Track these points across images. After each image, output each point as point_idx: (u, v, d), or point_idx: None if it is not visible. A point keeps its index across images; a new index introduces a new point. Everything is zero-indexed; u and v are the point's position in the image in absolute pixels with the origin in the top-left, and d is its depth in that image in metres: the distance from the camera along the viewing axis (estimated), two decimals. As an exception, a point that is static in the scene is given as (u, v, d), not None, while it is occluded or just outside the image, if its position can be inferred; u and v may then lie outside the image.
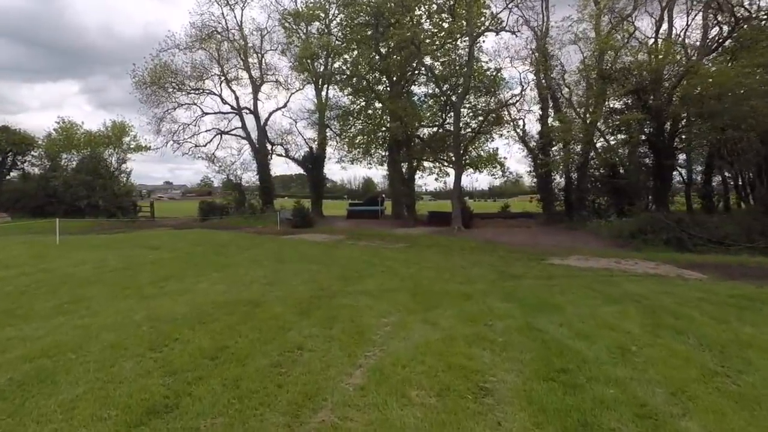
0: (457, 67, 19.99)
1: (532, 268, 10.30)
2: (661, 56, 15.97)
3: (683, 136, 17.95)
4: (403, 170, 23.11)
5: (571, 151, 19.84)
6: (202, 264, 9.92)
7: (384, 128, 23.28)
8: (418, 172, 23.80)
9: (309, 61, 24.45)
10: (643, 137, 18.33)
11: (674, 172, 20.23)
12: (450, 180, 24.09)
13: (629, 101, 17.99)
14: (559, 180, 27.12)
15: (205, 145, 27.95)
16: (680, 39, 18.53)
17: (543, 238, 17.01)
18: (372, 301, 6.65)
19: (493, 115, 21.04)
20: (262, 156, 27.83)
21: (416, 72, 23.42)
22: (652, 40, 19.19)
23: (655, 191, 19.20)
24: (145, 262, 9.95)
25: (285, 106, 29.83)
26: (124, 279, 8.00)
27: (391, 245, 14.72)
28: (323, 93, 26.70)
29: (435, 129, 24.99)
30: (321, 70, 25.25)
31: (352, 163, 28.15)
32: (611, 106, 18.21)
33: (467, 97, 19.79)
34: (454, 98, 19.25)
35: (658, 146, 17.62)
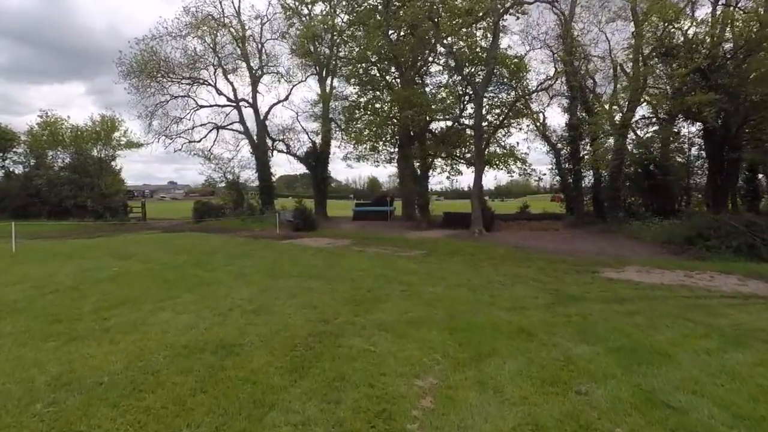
0: (478, 51, 17.97)
1: (588, 284, 8.31)
2: (737, 26, 13.63)
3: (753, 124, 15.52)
4: (415, 167, 21.16)
5: (606, 146, 17.70)
6: (175, 280, 8.03)
7: (395, 119, 21.29)
8: (430, 170, 21.82)
9: (311, 45, 22.57)
10: (701, 126, 16.08)
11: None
12: (463, 179, 22.14)
13: (693, 81, 15.24)
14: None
15: (200, 141, 26.20)
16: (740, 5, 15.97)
17: (580, 244, 14.97)
18: (395, 344, 4.73)
19: (519, 105, 19.02)
20: (261, 153, 25.99)
21: (430, 59, 21.44)
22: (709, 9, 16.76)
23: (713, 189, 17.02)
24: (102, 278, 8.07)
25: (286, 99, 28.02)
26: (62, 306, 6.10)
27: (406, 253, 12.77)
28: (327, 82, 24.83)
29: (449, 123, 23.04)
30: (325, 53, 23.35)
31: (359, 161, 26.24)
32: (667, 88, 16.00)
33: (488, 86, 17.75)
34: (473, 87, 17.21)
35: (721, 136, 15.36)
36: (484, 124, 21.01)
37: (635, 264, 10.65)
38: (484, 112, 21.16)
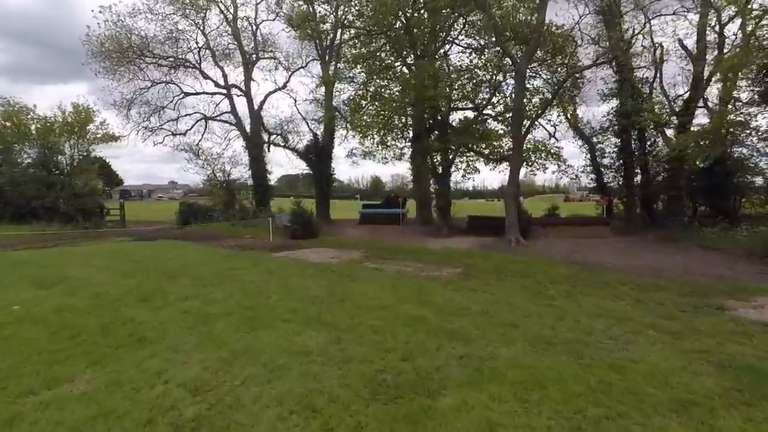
0: (517, 21, 14.93)
1: (738, 335, 5.36)
2: None
3: None
4: (435, 163, 18.19)
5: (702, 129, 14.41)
6: (89, 334, 5.13)
7: (409, 107, 18.30)
8: (452, 166, 18.75)
9: (311, 23, 19.65)
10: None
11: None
12: (481, 178, 19.12)
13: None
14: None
15: (185, 134, 23.32)
16: None
17: (651, 258, 11.99)
18: None
19: (568, 84, 16.01)
20: (255, 147, 23.10)
21: (452, 35, 18.42)
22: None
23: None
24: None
25: (284, 86, 25.16)
26: None
27: (438, 272, 9.84)
28: (331, 67, 21.87)
29: (470, 115, 20.07)
30: (328, 33, 20.44)
31: (365, 158, 23.26)
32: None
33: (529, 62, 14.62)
34: (513, 61, 14.13)
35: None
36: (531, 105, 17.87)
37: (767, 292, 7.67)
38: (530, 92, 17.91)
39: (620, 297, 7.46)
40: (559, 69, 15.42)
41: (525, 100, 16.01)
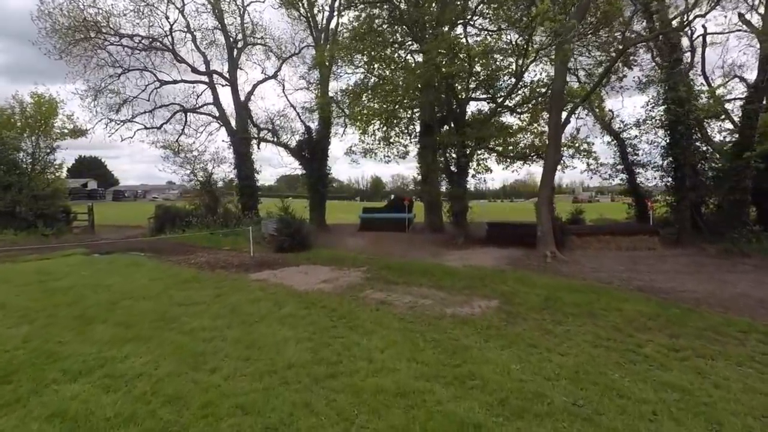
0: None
1: None
2: None
3: None
4: (448, 160, 15.51)
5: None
6: None
7: (417, 93, 15.65)
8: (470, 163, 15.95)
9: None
10: None
11: None
12: (488, 178, 16.37)
13: None
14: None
15: (160, 127, 20.65)
16: None
17: (739, 282, 9.38)
18: None
19: (623, 59, 13.30)
20: (242, 143, 20.46)
21: (467, 12, 15.77)
22: None
23: None
24: None
25: (275, 76, 22.53)
26: None
27: (466, 307, 7.25)
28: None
29: (488, 105, 17.45)
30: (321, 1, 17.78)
31: (365, 155, 20.65)
32: None
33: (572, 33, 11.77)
34: (556, 29, 11.34)
35: None
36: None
37: None
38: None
39: (749, 359, 4.87)
40: (606, 45, 12.74)
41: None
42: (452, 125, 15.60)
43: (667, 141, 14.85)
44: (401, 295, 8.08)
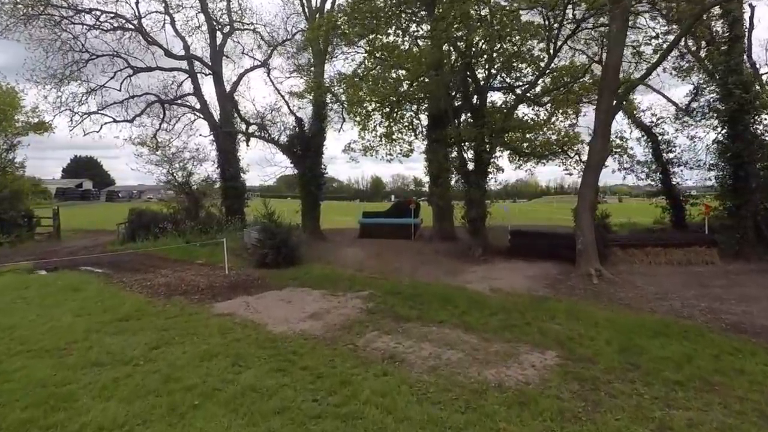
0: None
1: None
2: None
3: None
4: (465, 158, 13.17)
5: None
6: None
7: (423, 85, 13.37)
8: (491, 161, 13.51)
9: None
10: None
11: None
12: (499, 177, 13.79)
13: None
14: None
15: (132, 120, 18.31)
16: None
17: None
18: None
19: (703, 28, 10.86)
20: (226, 139, 18.15)
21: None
22: None
23: None
24: None
25: (265, 64, 20.18)
26: None
27: (515, 366, 5.05)
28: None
29: (507, 94, 15.16)
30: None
31: (366, 153, 18.24)
32: None
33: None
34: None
35: None
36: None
37: None
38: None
39: None
40: (670, 10, 10.37)
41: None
42: (469, 116, 13.32)
43: (725, 134, 12.54)
44: (417, 343, 5.80)
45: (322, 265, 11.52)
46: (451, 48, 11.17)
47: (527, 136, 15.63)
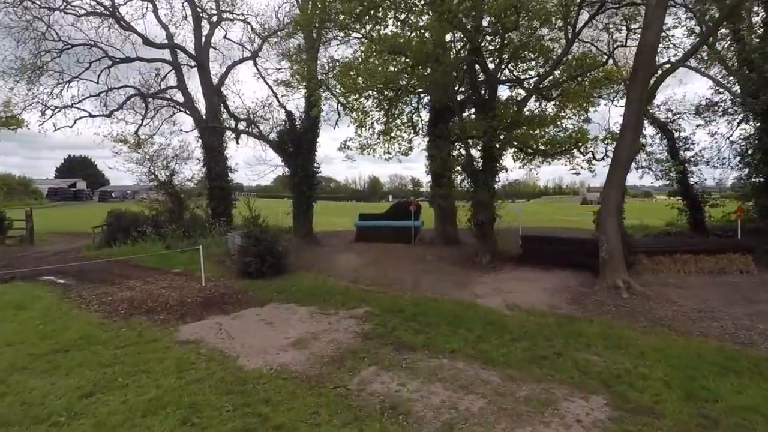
0: None
1: None
2: None
3: None
4: (471, 156, 11.95)
5: None
6: None
7: (424, 77, 12.15)
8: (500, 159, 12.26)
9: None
10: None
11: None
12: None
13: None
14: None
15: (110, 115, 17.00)
16: None
17: None
18: None
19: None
20: (212, 135, 16.88)
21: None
22: None
23: None
24: None
25: (255, 56, 18.94)
26: None
27: (554, 422, 3.76)
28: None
29: (513, 86, 13.98)
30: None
31: (362, 152, 16.99)
32: None
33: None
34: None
35: None
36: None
37: None
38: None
39: None
40: None
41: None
42: (472, 113, 12.14)
43: (759, 127, 11.39)
44: (425, 384, 4.60)
45: (312, 274, 10.29)
46: (457, 32, 9.96)
47: (536, 132, 14.47)
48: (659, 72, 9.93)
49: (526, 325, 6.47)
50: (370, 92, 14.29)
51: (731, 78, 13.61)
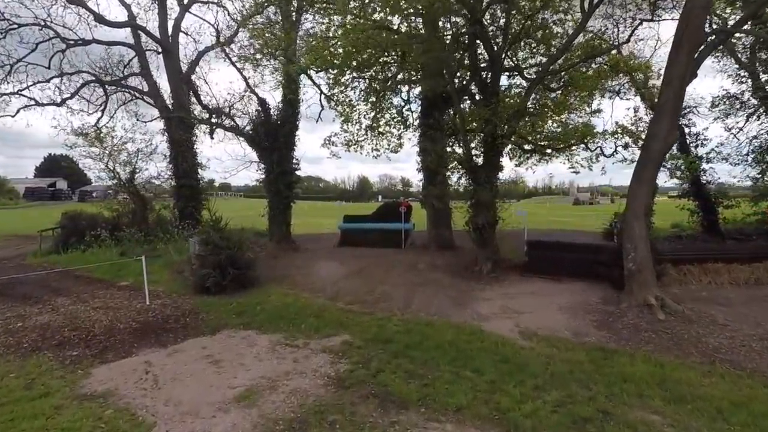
0: None
1: None
2: None
3: None
4: (470, 150, 10.46)
5: None
6: None
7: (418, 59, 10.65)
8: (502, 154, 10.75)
9: None
10: None
11: None
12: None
13: None
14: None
15: (61, 104, 15.13)
16: None
17: None
18: None
19: None
20: (180, 128, 15.13)
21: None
22: None
23: None
24: None
25: (230, 42, 17.18)
26: None
27: None
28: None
29: (512, 74, 12.57)
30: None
31: (348, 148, 15.39)
32: None
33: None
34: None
35: None
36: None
37: None
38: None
39: None
40: None
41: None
42: (469, 104, 10.64)
43: None
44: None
45: (284, 288, 8.69)
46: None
47: (540, 124, 13.01)
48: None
49: (551, 364, 4.97)
50: (354, 74, 12.77)
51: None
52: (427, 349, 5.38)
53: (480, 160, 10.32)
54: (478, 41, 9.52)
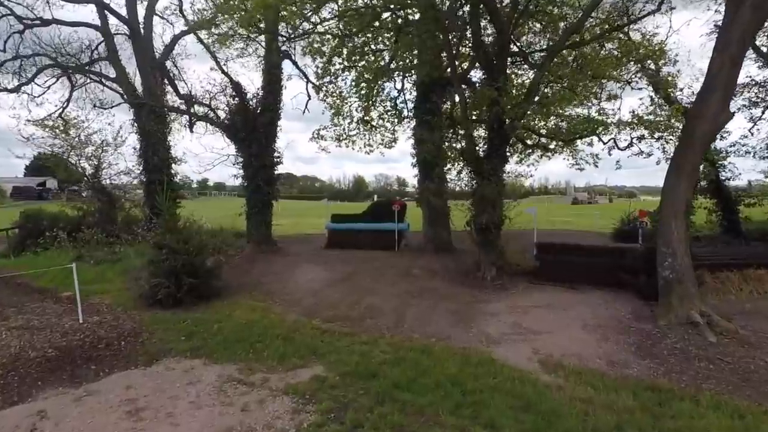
0: None
1: None
2: None
3: None
4: (473, 141, 9.17)
5: None
6: None
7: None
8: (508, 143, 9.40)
9: None
10: None
11: None
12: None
13: None
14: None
15: (16, 90, 13.67)
16: None
17: None
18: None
19: None
20: (150, 118, 13.70)
21: None
22: None
23: None
24: None
25: (210, 26, 15.76)
26: None
27: None
28: None
29: (516, 58, 11.30)
30: None
31: (339, 143, 14.03)
32: None
33: None
34: None
35: None
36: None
37: None
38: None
39: None
40: None
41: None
42: (475, 88, 9.28)
43: None
44: None
45: (254, 300, 7.34)
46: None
47: (550, 110, 11.70)
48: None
49: (590, 415, 3.67)
50: (345, 64, 11.45)
51: None
52: (423, 390, 4.07)
53: (483, 152, 9.01)
54: (481, 7, 8.15)
